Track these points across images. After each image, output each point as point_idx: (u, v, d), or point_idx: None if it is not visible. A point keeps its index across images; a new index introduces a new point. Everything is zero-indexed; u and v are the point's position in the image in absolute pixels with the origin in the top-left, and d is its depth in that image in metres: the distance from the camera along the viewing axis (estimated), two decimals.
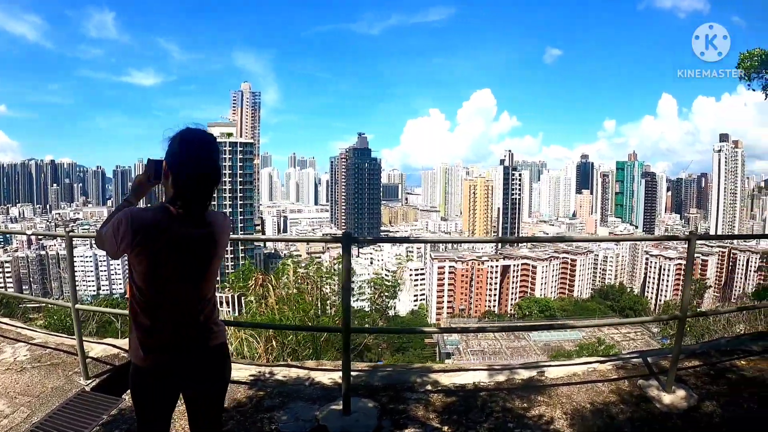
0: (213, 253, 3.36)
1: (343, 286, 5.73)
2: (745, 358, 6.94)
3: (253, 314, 13.41)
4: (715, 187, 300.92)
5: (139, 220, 3.08)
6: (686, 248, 6.02)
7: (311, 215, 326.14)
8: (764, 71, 15.94)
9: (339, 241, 5.42)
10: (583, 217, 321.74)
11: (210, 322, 3.45)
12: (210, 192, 3.26)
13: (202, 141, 3.27)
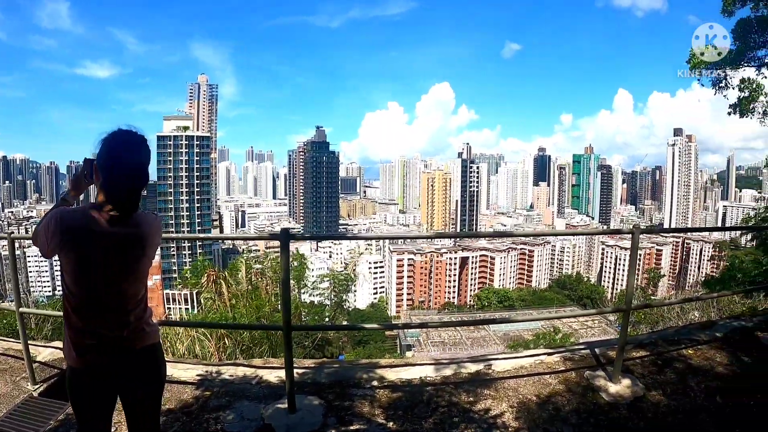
0: (141, 253, 3.33)
1: (282, 282, 5.67)
2: (692, 347, 7.04)
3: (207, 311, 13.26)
4: (669, 180, 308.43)
5: (67, 221, 3.10)
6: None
7: (269, 209, 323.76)
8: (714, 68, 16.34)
9: (277, 239, 5.35)
10: (541, 208, 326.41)
11: (141, 323, 3.42)
12: (136, 192, 3.24)
13: (127, 142, 3.24)
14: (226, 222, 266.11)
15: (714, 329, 7.84)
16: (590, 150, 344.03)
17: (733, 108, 17.01)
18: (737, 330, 7.84)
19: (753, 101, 16.58)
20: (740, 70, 16.58)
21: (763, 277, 15.41)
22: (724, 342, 7.29)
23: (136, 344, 3.38)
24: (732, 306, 14.12)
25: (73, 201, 3.63)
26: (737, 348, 7.07)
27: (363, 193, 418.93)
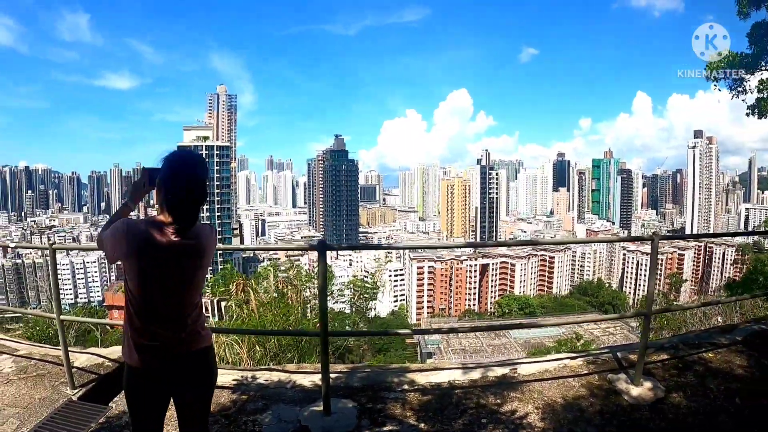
0: (199, 263, 3.63)
1: (319, 291, 5.91)
2: (713, 351, 7.14)
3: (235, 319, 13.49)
4: (690, 183, 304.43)
5: (133, 231, 3.40)
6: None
7: (289, 218, 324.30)
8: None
9: (315, 249, 5.61)
10: (561, 214, 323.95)
11: (197, 326, 3.71)
12: (196, 207, 3.53)
13: (187, 160, 3.56)
14: (246, 231, 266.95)
15: (735, 333, 7.92)
16: (610, 154, 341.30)
17: (752, 109, 16.98)
18: (758, 333, 7.91)
19: None
20: (758, 73, 16.60)
21: None
22: (745, 345, 7.38)
23: (192, 346, 3.67)
24: (756, 310, 14.14)
25: (134, 207, 3.92)
26: (758, 351, 7.17)
27: (382, 200, 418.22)
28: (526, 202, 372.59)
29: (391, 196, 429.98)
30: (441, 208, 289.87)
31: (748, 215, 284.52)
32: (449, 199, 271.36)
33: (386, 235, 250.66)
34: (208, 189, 3.63)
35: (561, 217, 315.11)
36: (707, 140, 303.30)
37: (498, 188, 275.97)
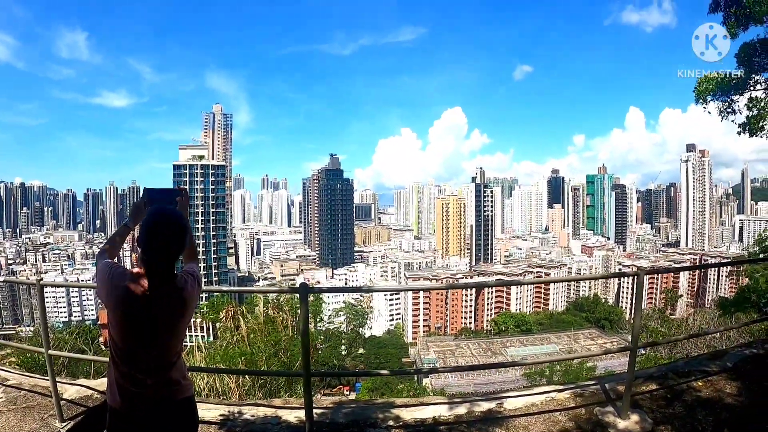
0: (181, 314, 3.66)
1: (301, 334, 5.87)
2: (702, 379, 7.06)
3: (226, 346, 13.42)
4: (683, 196, 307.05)
5: (115, 282, 3.51)
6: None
7: (285, 237, 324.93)
8: (720, 93, 16.49)
9: (296, 292, 5.57)
10: (556, 231, 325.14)
11: (179, 376, 3.74)
12: (171, 263, 3.59)
13: (164, 222, 3.55)
14: (241, 250, 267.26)
15: (725, 359, 7.82)
16: (604, 170, 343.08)
17: (743, 127, 17.03)
18: (748, 359, 7.84)
19: (762, 119, 16.66)
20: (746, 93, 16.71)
21: None
22: (735, 372, 7.29)
23: (175, 395, 3.70)
24: (752, 326, 14.13)
25: (134, 228, 4.01)
26: (748, 378, 7.08)
27: (378, 219, 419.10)
28: (521, 219, 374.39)
29: (386, 215, 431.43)
30: (436, 226, 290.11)
31: (743, 226, 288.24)
32: (444, 217, 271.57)
33: (381, 254, 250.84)
34: (186, 242, 3.65)
35: (556, 234, 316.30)
36: (700, 153, 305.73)
37: (493, 206, 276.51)
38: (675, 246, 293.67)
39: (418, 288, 6.38)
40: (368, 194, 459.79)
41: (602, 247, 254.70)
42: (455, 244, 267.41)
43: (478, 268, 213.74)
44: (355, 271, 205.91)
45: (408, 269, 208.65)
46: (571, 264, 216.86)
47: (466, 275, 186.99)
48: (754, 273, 17.78)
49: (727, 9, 14.69)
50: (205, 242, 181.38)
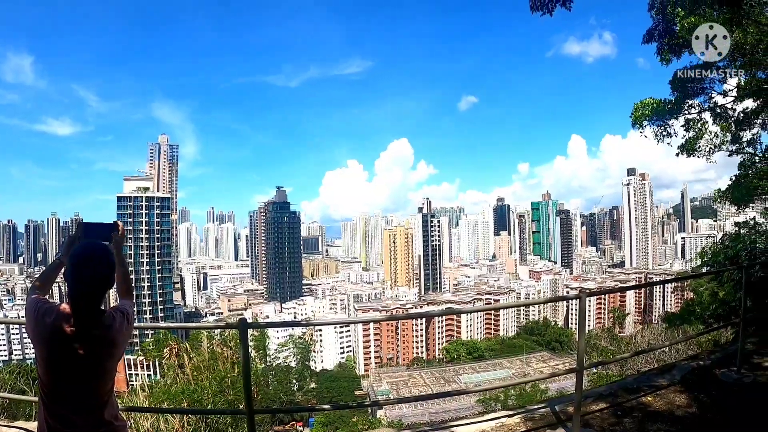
0: (109, 353, 3.50)
1: (243, 371, 5.61)
2: (651, 394, 7.10)
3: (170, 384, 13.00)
4: (626, 218, 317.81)
5: (42, 320, 3.37)
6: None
7: (232, 271, 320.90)
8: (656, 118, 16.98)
9: (235, 327, 5.34)
10: (503, 257, 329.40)
11: (110, 416, 3.56)
12: (98, 300, 3.45)
13: (90, 258, 3.44)
14: (188, 285, 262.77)
15: (673, 373, 7.96)
16: (548, 196, 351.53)
17: (681, 149, 17.62)
18: (696, 370, 8.00)
19: (698, 140, 17.22)
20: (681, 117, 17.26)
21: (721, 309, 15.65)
22: (684, 384, 7.40)
23: None
24: (699, 338, 14.35)
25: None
26: (697, 389, 7.19)
27: (326, 252, 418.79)
28: (468, 247, 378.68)
29: (334, 247, 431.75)
30: (384, 257, 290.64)
31: (684, 244, 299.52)
32: (392, 248, 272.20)
33: (330, 287, 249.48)
34: (112, 280, 3.56)
35: (504, 261, 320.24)
36: (640, 177, 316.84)
37: (440, 235, 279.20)
38: (620, 266, 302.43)
39: (360, 320, 6.28)
40: (315, 227, 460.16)
41: (549, 271, 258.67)
42: (404, 274, 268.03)
43: (427, 298, 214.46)
44: (303, 304, 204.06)
45: (357, 301, 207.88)
46: (519, 289, 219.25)
47: (416, 305, 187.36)
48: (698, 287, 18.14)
49: (661, 39, 15.16)
50: (151, 277, 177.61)
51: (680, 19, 13.75)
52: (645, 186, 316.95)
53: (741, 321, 8.18)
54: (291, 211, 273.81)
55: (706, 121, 17.29)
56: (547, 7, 8.55)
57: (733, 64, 16.00)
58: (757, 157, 18.12)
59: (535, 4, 8.60)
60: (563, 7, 8.56)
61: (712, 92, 17.11)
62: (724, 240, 17.05)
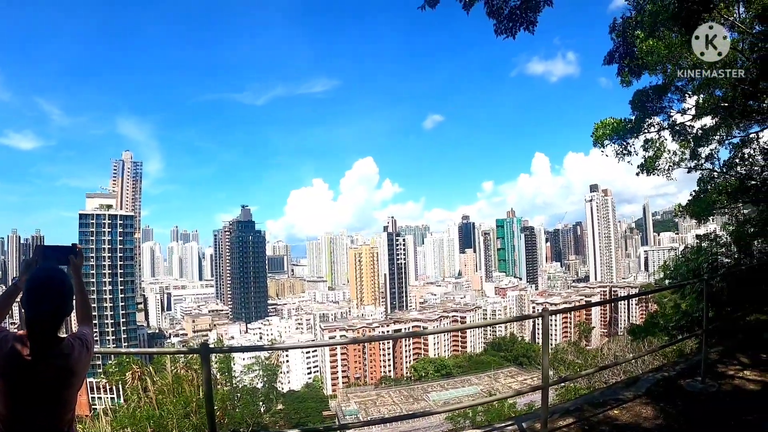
0: (68, 382, 3.39)
1: (205, 398, 5.46)
2: (618, 407, 7.12)
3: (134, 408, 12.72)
4: (590, 234, 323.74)
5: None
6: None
7: (196, 291, 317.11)
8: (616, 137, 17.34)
9: (197, 352, 5.23)
10: (469, 275, 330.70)
11: None
12: (55, 326, 3.36)
13: (46, 283, 3.37)
14: (151, 305, 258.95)
15: (638, 385, 8.02)
16: (512, 213, 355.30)
17: (641, 167, 18.01)
18: (660, 382, 8.07)
19: (657, 159, 17.60)
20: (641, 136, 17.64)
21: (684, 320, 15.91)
22: (649, 396, 7.45)
23: None
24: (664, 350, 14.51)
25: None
26: (662, 400, 7.25)
27: (291, 271, 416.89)
28: (434, 265, 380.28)
29: (299, 267, 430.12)
30: (350, 276, 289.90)
31: (647, 257, 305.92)
32: (358, 267, 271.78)
33: (296, 306, 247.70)
34: (71, 306, 3.47)
35: (469, 278, 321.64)
36: (603, 193, 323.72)
37: (406, 254, 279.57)
38: (585, 281, 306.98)
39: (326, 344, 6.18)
40: (280, 246, 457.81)
41: (515, 287, 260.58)
42: (369, 293, 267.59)
43: (393, 316, 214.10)
44: (269, 324, 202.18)
45: (323, 321, 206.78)
46: (485, 306, 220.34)
47: (382, 324, 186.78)
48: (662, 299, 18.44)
49: (621, 61, 15.48)
50: (113, 297, 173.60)
51: (640, 41, 14.07)
52: (608, 202, 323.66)
53: (704, 332, 8.29)
54: (256, 230, 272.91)
55: (665, 139, 17.70)
56: (510, 31, 8.72)
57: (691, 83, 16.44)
58: (715, 172, 18.57)
59: (498, 28, 8.77)
60: (526, 30, 8.73)
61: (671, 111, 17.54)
62: (685, 253, 17.43)
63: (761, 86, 13.32)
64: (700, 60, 14.62)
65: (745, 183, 17.05)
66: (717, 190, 18.23)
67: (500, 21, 8.68)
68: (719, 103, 16.40)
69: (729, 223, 18.52)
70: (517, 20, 8.61)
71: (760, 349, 9.69)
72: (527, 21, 8.61)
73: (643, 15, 13.71)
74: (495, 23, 8.72)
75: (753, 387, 7.66)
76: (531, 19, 8.61)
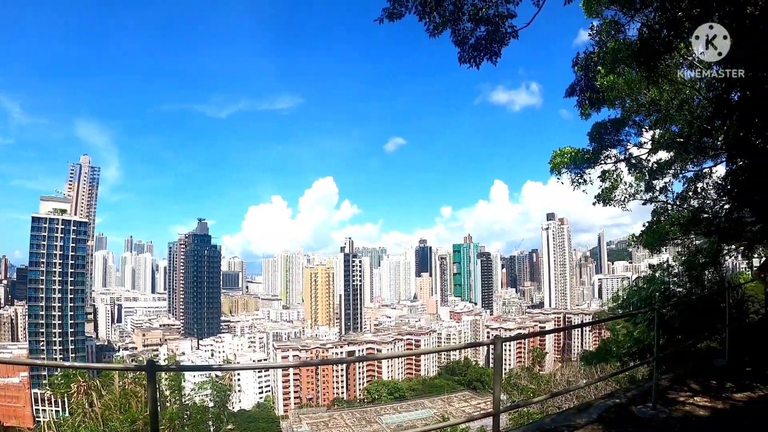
0: None
1: (150, 416, 5.23)
2: None
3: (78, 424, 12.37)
4: (545, 261, 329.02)
5: None
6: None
7: (148, 304, 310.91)
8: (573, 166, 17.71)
9: (143, 369, 5.05)
10: (424, 298, 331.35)
11: None
12: None
13: None
14: (101, 316, 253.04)
15: (590, 411, 8.03)
16: (469, 239, 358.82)
17: (598, 198, 18.45)
18: (612, 408, 8.11)
19: (613, 190, 18.04)
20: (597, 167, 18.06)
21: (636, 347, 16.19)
22: (601, 422, 7.47)
23: None
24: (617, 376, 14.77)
25: None
26: (614, 427, 7.29)
27: (245, 288, 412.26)
28: (390, 287, 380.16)
29: (254, 284, 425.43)
30: (305, 295, 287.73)
31: (601, 285, 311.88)
32: (313, 286, 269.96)
33: (249, 324, 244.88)
34: None
35: (425, 301, 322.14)
36: (559, 221, 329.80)
37: (362, 275, 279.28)
38: (539, 307, 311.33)
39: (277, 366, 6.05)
40: (236, 262, 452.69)
41: (470, 312, 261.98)
42: (324, 313, 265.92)
43: (348, 338, 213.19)
44: (221, 341, 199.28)
45: (277, 340, 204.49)
46: (440, 330, 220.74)
47: (336, 345, 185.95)
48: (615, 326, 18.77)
49: (582, 93, 15.81)
50: (62, 306, 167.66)
51: (601, 76, 14.41)
52: (564, 230, 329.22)
53: (655, 359, 8.40)
54: (212, 245, 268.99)
55: (621, 171, 18.16)
56: (474, 61, 8.85)
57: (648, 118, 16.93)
58: (669, 204, 19.05)
59: (462, 57, 8.88)
60: (489, 61, 8.87)
61: (628, 144, 18.02)
62: (638, 282, 17.79)
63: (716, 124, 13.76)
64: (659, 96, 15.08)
65: (697, 215, 17.46)
66: (670, 222, 18.69)
67: (464, 50, 8.80)
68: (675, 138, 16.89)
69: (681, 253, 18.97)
70: (482, 50, 8.73)
71: (710, 375, 9.88)
72: (491, 52, 8.74)
73: (605, 51, 14.04)
74: (459, 51, 8.83)
75: (703, 413, 7.78)
76: (495, 50, 8.73)
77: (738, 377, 9.66)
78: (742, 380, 9.46)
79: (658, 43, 9.82)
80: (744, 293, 16.67)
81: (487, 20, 8.54)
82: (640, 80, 13.78)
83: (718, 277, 17.13)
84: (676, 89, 15.04)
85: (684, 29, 9.52)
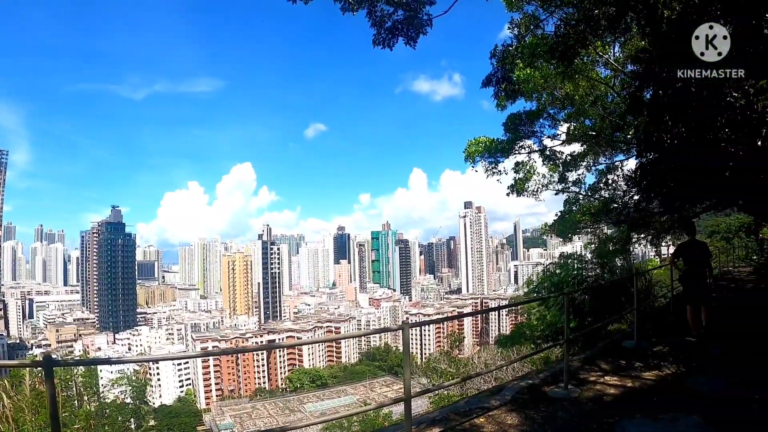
0: None
1: (50, 417, 4.81)
2: (483, 416, 7.26)
3: None
4: (463, 248, 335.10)
5: None
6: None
7: (61, 297, 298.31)
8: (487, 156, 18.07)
9: (39, 366, 4.74)
10: (343, 285, 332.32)
11: None
12: None
13: None
14: (11, 312, 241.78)
15: (503, 393, 8.29)
16: (388, 226, 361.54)
17: (511, 188, 18.93)
18: (525, 389, 8.39)
19: (527, 181, 18.52)
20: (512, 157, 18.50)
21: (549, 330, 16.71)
22: (515, 403, 7.71)
23: None
24: (532, 358, 15.21)
25: None
26: (527, 407, 7.51)
27: (162, 278, 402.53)
28: (308, 275, 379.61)
29: (170, 273, 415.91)
30: (223, 284, 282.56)
31: (517, 271, 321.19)
32: (231, 275, 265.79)
33: (166, 315, 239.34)
34: None
35: (344, 288, 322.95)
36: (476, 210, 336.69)
37: (280, 263, 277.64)
38: (457, 292, 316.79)
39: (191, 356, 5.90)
40: (152, 251, 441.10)
41: (389, 298, 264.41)
42: (243, 302, 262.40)
43: (267, 326, 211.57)
44: (138, 335, 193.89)
45: (195, 331, 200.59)
46: (360, 317, 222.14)
47: (256, 334, 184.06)
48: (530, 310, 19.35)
49: (498, 85, 16.11)
50: None
51: (518, 69, 14.71)
52: (480, 218, 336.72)
53: (566, 341, 8.65)
54: (126, 233, 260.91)
55: (535, 162, 18.70)
56: (387, 43, 8.87)
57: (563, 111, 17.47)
58: (581, 195, 19.71)
59: (377, 39, 8.99)
60: (407, 45, 8.91)
61: (543, 136, 18.57)
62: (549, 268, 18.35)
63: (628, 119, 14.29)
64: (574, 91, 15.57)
65: (608, 206, 18.15)
66: (582, 212, 19.36)
67: (380, 32, 8.82)
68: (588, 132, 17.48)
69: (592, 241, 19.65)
70: (398, 34, 8.75)
71: (619, 356, 10.32)
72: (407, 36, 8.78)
73: (524, 45, 14.35)
74: (374, 34, 8.85)
75: (613, 391, 8.13)
76: (411, 35, 8.79)
77: (646, 357, 10.13)
78: (650, 360, 9.93)
79: (574, 39, 10.09)
80: (652, 279, 17.46)
81: (405, 4, 8.58)
82: (557, 75, 14.20)
83: (627, 263, 17.86)
84: (592, 85, 15.57)
85: (600, 27, 9.81)
